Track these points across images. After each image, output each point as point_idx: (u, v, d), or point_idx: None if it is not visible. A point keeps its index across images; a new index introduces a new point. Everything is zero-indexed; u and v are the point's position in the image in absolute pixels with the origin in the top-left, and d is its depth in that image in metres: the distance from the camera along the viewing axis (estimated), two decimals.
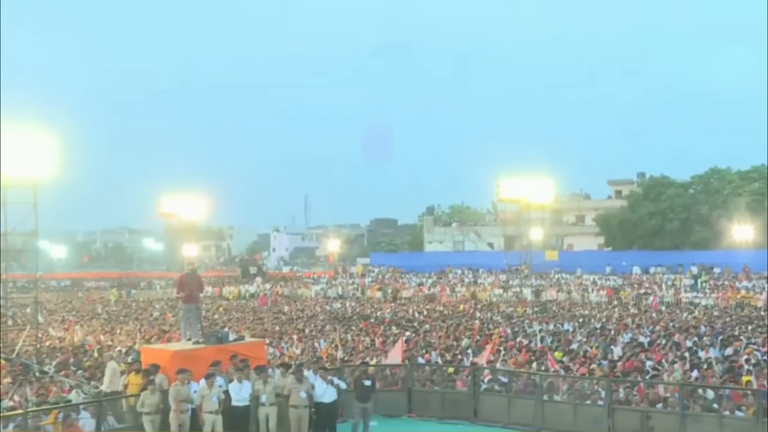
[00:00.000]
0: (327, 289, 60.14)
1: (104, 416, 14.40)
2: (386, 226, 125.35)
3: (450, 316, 37.07)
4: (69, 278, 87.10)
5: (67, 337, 31.77)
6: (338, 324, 33.90)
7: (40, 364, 21.54)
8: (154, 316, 41.59)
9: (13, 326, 27.11)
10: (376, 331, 29.82)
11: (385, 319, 36.08)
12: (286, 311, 43.40)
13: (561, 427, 16.20)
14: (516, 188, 50.19)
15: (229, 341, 17.29)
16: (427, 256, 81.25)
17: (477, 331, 28.29)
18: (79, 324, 37.79)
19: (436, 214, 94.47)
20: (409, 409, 18.15)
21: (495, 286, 54.67)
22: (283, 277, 77.44)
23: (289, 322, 35.73)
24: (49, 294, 63.22)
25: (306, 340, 27.72)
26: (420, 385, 18.64)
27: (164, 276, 79.67)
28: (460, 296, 51.56)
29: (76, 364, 22.18)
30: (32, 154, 24.66)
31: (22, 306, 39.15)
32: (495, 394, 17.74)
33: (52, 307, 49.82)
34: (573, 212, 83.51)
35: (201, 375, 14.80)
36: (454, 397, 18.05)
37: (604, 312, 37.46)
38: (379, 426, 16.65)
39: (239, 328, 30.96)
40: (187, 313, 17.51)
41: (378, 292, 56.11)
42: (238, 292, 62.25)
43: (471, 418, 17.42)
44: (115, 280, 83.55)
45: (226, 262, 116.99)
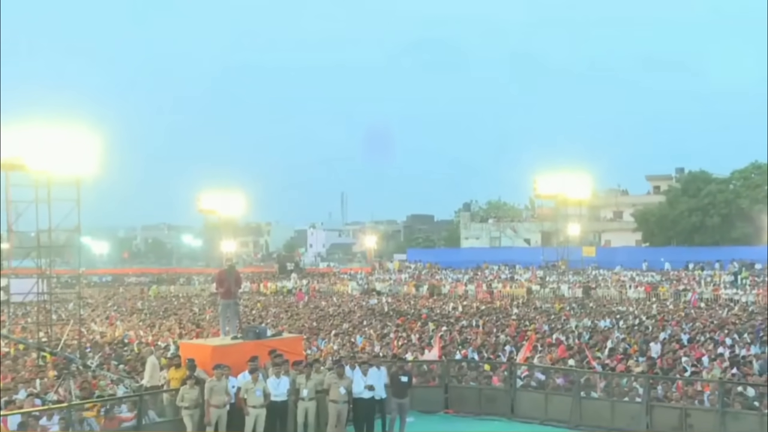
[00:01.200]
0: (365, 284, 60.35)
1: (145, 410, 14.54)
2: (423, 222, 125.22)
3: (486, 312, 37.01)
4: (110, 274, 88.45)
5: (108, 332, 32.29)
6: (375, 320, 34.02)
7: (82, 358, 21.88)
8: (193, 311, 42.04)
9: (57, 321, 27.58)
10: (412, 327, 29.89)
11: (421, 315, 36.13)
12: (323, 307, 43.63)
13: (598, 423, 16.15)
14: (553, 184, 49.86)
15: (267, 337, 17.40)
16: (463, 252, 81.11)
17: (514, 328, 28.23)
18: (120, 319, 38.43)
19: (473, 210, 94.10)
20: (445, 405, 18.16)
21: (532, 282, 54.46)
22: (320, 273, 77.82)
23: (326, 317, 35.91)
24: (91, 289, 64.20)
25: (343, 335, 27.86)
26: (457, 382, 18.65)
27: (203, 272, 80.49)
28: (497, 292, 51.47)
29: (118, 358, 22.52)
30: (75, 151, 25.09)
31: (65, 301, 39.82)
32: (532, 390, 17.69)
33: (94, 302, 50.64)
34: (610, 208, 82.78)
35: (239, 370, 14.95)
36: (490, 393, 18.02)
37: (642, 308, 37.15)
38: (416, 422, 16.68)
39: (277, 324, 31.25)
40: (226, 309, 17.64)
41: (414, 288, 56.19)
42: (275, 287, 62.70)
43: (508, 415, 17.39)
44: (154, 275, 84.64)
45: (263, 258, 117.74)
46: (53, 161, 24.59)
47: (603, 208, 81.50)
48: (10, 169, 24.96)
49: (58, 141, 24.72)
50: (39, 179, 24.98)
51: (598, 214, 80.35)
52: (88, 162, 25.66)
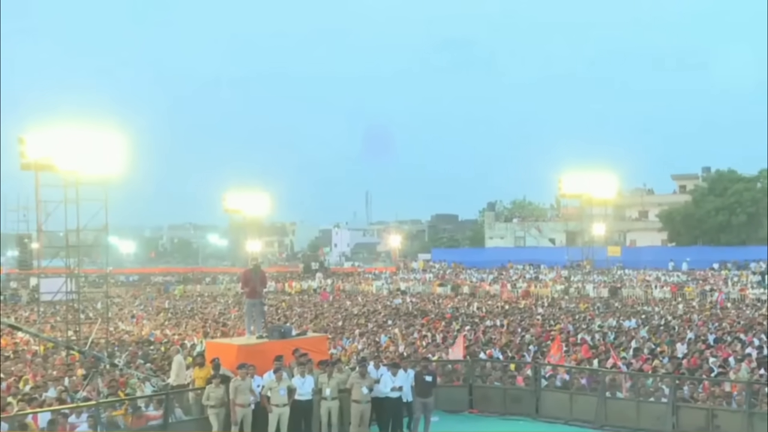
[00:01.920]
0: (388, 284, 60.39)
1: (171, 408, 14.68)
2: (447, 221, 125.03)
3: (511, 311, 36.93)
4: (137, 273, 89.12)
5: (135, 331, 32.58)
6: (399, 319, 34.04)
7: (110, 356, 22.11)
8: (218, 310, 42.29)
9: (85, 320, 27.89)
10: (437, 327, 29.90)
11: (445, 314, 36.11)
12: (348, 306, 43.72)
13: (623, 424, 16.09)
14: (578, 183, 49.82)
15: (292, 336, 17.51)
16: (488, 251, 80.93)
17: (539, 328, 28.16)
18: (146, 318, 38.78)
19: (498, 209, 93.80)
20: (470, 404, 18.15)
21: (556, 282, 54.28)
22: (345, 272, 77.94)
23: (351, 317, 35.99)
24: (118, 288, 64.75)
25: (367, 335, 27.92)
26: (481, 381, 18.64)
27: (228, 271, 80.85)
28: (521, 292, 51.35)
29: (144, 357, 22.73)
30: (103, 152, 25.41)
31: (92, 300, 40.25)
32: (557, 390, 17.63)
33: (121, 301, 51.13)
34: (636, 207, 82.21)
35: (265, 369, 15.04)
36: (515, 393, 17.99)
37: (668, 308, 36.91)
38: (441, 421, 16.69)
39: (302, 324, 31.37)
40: (251, 308, 17.72)
41: (439, 288, 56.16)
42: (300, 287, 62.90)
43: (532, 415, 17.36)
44: (180, 275, 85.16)
45: (288, 257, 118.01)
46: (81, 162, 24.95)
47: (628, 207, 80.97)
48: (40, 169, 25.37)
49: (86, 142, 25.11)
50: (68, 179, 25.31)
51: (624, 214, 79.82)
52: (115, 162, 26.02)
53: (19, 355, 23.98)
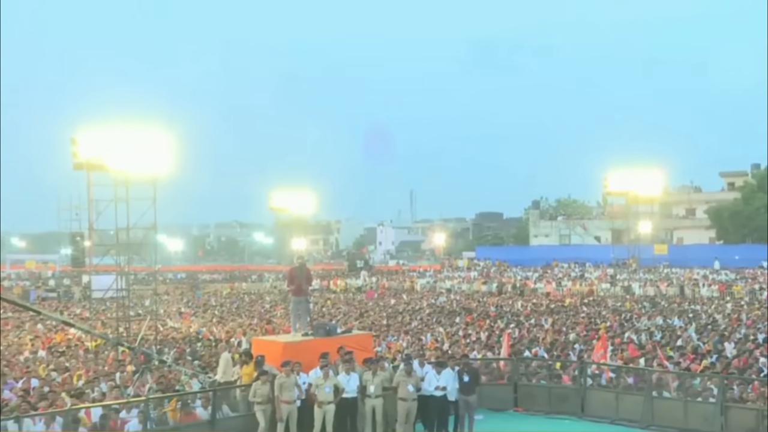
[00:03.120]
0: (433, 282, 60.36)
1: (219, 405, 14.87)
2: (492, 219, 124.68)
3: (556, 310, 36.70)
4: (184, 271, 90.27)
5: (183, 328, 33.03)
6: (443, 317, 34.03)
7: (159, 353, 22.43)
8: (265, 308, 42.64)
9: (135, 317, 28.37)
10: (481, 325, 29.85)
11: (490, 312, 36.02)
12: (392, 304, 43.79)
13: (671, 424, 15.89)
14: (624, 181, 49.30)
15: (337, 333, 17.59)
16: (532, 249, 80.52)
17: (584, 326, 27.98)
18: (194, 315, 39.26)
19: (542, 207, 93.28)
20: (515, 403, 18.08)
21: (602, 280, 53.78)
22: (389, 270, 78.03)
23: (396, 315, 36.06)
24: (167, 286, 65.63)
25: (412, 333, 27.97)
26: (526, 380, 18.59)
27: (274, 269, 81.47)
28: (566, 290, 51.00)
29: (192, 354, 23.06)
30: (152, 151, 25.83)
31: (141, 297, 40.88)
32: (603, 389, 17.50)
33: (169, 299, 51.83)
34: (683, 205, 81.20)
35: (310, 366, 15.13)
36: (560, 392, 17.88)
37: (716, 307, 36.37)
38: (485, 420, 16.68)
39: (346, 321, 31.51)
40: (297, 306, 17.86)
41: (483, 286, 56.00)
42: (344, 285, 63.16)
43: (578, 414, 17.23)
44: (227, 273, 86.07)
45: (333, 255, 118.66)
46: (131, 161, 25.41)
47: (675, 205, 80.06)
48: (92, 169, 25.88)
49: (135, 141, 25.56)
50: (118, 179, 25.79)
51: (671, 212, 78.89)
52: (164, 161, 26.43)
53: (72, 351, 24.53)
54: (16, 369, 20.56)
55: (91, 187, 26.55)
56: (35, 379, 18.38)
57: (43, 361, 22.42)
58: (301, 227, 60.87)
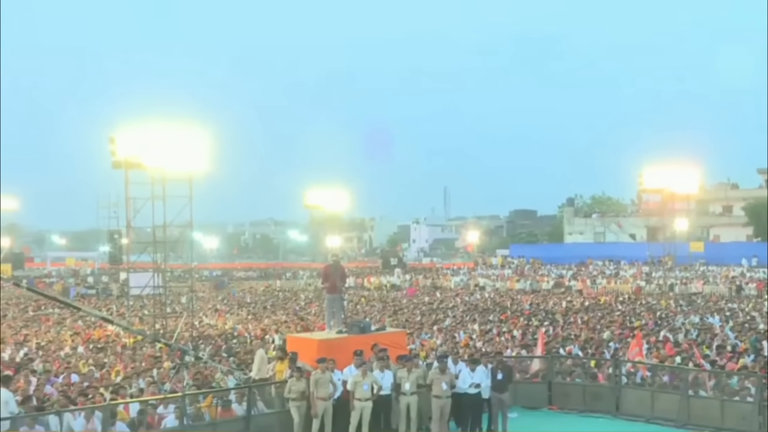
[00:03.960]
0: (467, 280, 60.26)
1: (254, 402, 15.00)
2: (526, 217, 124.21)
3: (591, 308, 36.46)
4: (220, 268, 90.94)
5: (218, 325, 33.31)
6: (477, 315, 33.99)
7: (195, 350, 22.66)
8: (299, 305, 42.84)
9: (171, 313, 28.68)
10: (515, 323, 29.78)
11: (524, 310, 35.90)
12: (426, 302, 43.78)
13: (707, 423, 15.74)
14: (659, 178, 48.75)
15: (371, 331, 17.68)
16: (567, 247, 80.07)
17: (619, 324, 27.78)
18: (229, 312, 39.56)
19: (577, 204, 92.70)
20: (549, 401, 18.05)
21: (637, 278, 53.33)
22: (423, 268, 78.00)
23: (429, 312, 36.06)
24: (202, 283, 66.18)
25: (446, 331, 27.98)
26: (561, 378, 18.54)
27: (308, 266, 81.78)
28: (601, 288, 50.66)
29: (227, 350, 23.25)
30: (188, 149, 26.07)
31: (178, 294, 41.30)
32: (638, 388, 17.40)
33: (205, 296, 52.26)
34: (720, 202, 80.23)
35: (344, 363, 15.23)
36: (595, 390, 17.80)
37: (755, 305, 35.89)
38: (520, 418, 16.70)
39: (380, 319, 31.59)
40: (331, 303, 17.96)
41: (517, 284, 55.81)
42: (378, 282, 63.26)
43: (613, 412, 17.16)
44: (262, 270, 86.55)
45: (367, 253, 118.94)
46: (168, 159, 25.66)
47: (712, 202, 79.12)
48: (129, 167, 26.19)
49: (172, 139, 25.81)
50: (155, 177, 26.06)
51: (707, 209, 77.99)
52: (199, 159, 26.64)
53: (110, 347, 24.88)
54: (56, 364, 20.90)
55: (129, 185, 26.86)
56: (75, 374, 18.67)
57: (82, 357, 22.77)
58: (335, 225, 61.09)
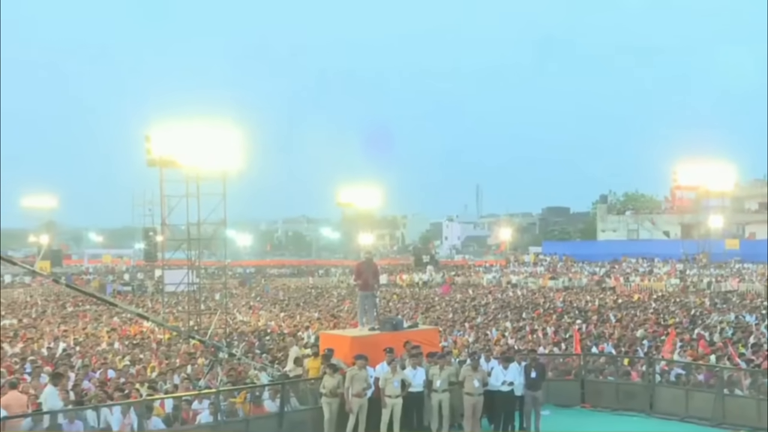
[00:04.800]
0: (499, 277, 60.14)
1: (287, 398, 15.10)
2: (558, 214, 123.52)
3: (624, 305, 36.22)
4: (253, 266, 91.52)
5: (252, 322, 33.56)
6: (510, 312, 33.91)
7: (228, 346, 22.85)
8: (332, 302, 43.02)
9: (205, 310, 28.90)
10: (547, 320, 29.68)
11: (557, 308, 35.76)
12: (458, 299, 43.76)
13: (743, 422, 15.53)
14: (694, 174, 48.25)
15: (404, 328, 17.68)
16: (600, 244, 79.53)
17: (653, 322, 27.58)
18: (262, 309, 39.85)
19: (610, 201, 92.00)
20: (582, 399, 17.98)
21: (671, 276, 52.86)
22: (455, 265, 77.90)
23: (462, 310, 36.04)
24: (236, 280, 66.67)
25: (478, 328, 27.96)
26: (594, 376, 18.44)
27: (341, 264, 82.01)
28: (634, 285, 50.29)
29: (260, 347, 23.44)
30: (222, 147, 26.27)
31: (212, 291, 41.65)
32: (672, 386, 17.23)
33: (238, 293, 52.67)
34: (755, 199, 79.16)
35: (377, 360, 15.26)
36: (628, 388, 17.66)
37: None
38: (552, 416, 16.63)
39: (412, 316, 31.65)
40: (364, 301, 18.00)
41: (550, 281, 55.57)
42: (410, 279, 63.31)
43: (646, 411, 17.02)
44: (294, 267, 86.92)
45: (399, 250, 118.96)
46: (202, 157, 25.86)
47: (747, 199, 78.12)
48: (164, 165, 26.44)
49: (206, 138, 26.01)
50: (189, 175, 26.28)
51: (742, 206, 77.01)
52: (233, 157, 26.82)
53: (145, 343, 25.19)
54: (94, 360, 21.21)
55: (164, 183, 27.10)
56: (112, 370, 18.93)
57: (118, 353, 23.08)
58: (367, 222, 61.20)
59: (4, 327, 31.81)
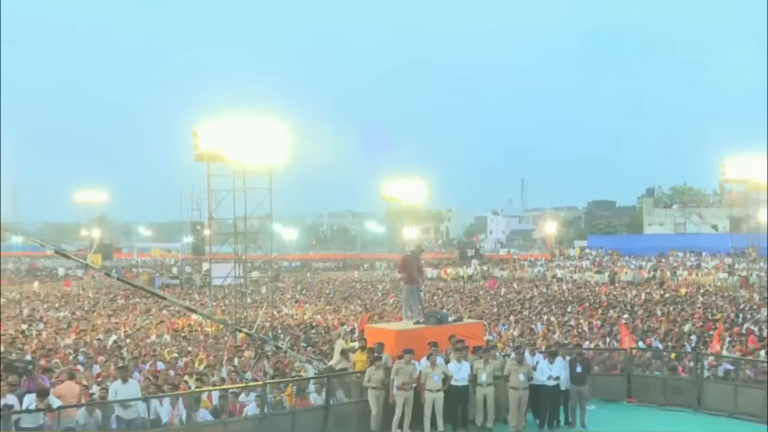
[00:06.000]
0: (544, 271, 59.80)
1: (333, 391, 15.21)
2: (604, 207, 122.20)
3: (671, 300, 35.81)
4: (299, 259, 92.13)
5: (297, 315, 33.84)
6: (555, 306, 33.74)
7: (274, 339, 23.08)
8: (377, 296, 43.17)
9: (252, 303, 29.21)
10: (593, 315, 29.48)
11: (602, 302, 35.48)
12: (503, 293, 43.64)
13: None
14: (743, 167, 47.47)
15: (449, 322, 17.72)
16: (646, 238, 78.56)
17: (700, 317, 27.24)
18: (308, 303, 40.16)
19: (657, 195, 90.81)
20: (628, 394, 17.82)
21: (719, 270, 52.08)
22: (500, 259, 77.59)
23: (506, 304, 35.95)
24: (282, 274, 67.17)
25: (523, 322, 27.88)
26: (640, 371, 18.29)
27: (386, 257, 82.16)
28: (681, 280, 49.66)
29: (306, 340, 23.64)
30: (268, 142, 26.52)
31: (258, 285, 42.07)
32: (721, 382, 17.00)
33: (284, 286, 53.10)
34: None
35: (422, 354, 15.27)
36: (676, 383, 17.43)
37: None
38: (598, 410, 16.53)
39: (457, 310, 31.65)
40: (409, 294, 18.06)
41: (596, 275, 55.09)
42: (455, 273, 63.24)
43: (694, 406, 16.82)
44: (340, 261, 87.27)
45: (444, 244, 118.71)
46: (248, 152, 26.15)
47: None
48: (211, 160, 26.80)
49: (252, 132, 26.29)
50: (236, 169, 26.60)
51: None
52: (279, 152, 27.07)
53: (193, 336, 25.57)
54: (143, 352, 21.60)
55: (211, 177, 27.46)
56: (161, 362, 19.27)
57: (167, 345, 23.47)
58: (412, 216, 61.22)
59: (58, 319, 32.61)
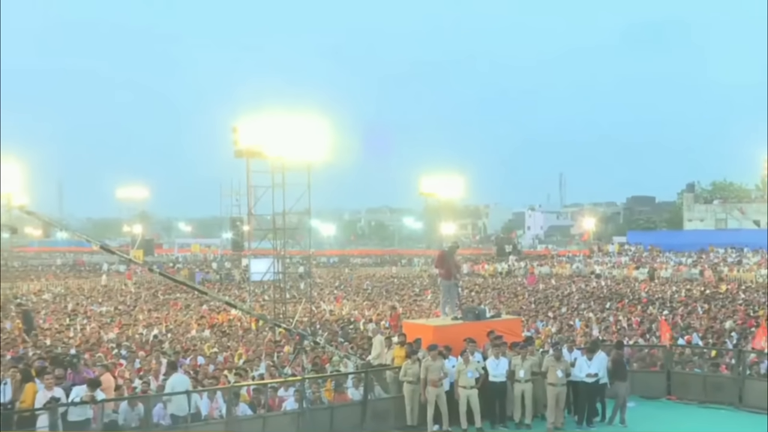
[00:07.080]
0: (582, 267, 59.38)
1: (371, 386, 15.32)
2: (643, 203, 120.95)
3: (712, 296, 35.37)
4: (337, 255, 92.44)
5: (336, 311, 33.99)
6: (593, 303, 33.53)
7: (313, 335, 23.24)
8: (414, 292, 43.19)
9: (290, 299, 29.39)
10: (632, 311, 29.26)
11: (641, 298, 35.17)
12: (541, 289, 43.43)
13: None
14: None
15: (486, 318, 17.73)
16: (686, 234, 77.40)
17: (742, 314, 26.89)
18: (346, 298, 40.29)
19: (697, 190, 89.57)
20: (668, 391, 17.70)
21: (761, 266, 51.30)
22: (538, 255, 77.18)
23: (544, 300, 35.79)
24: (320, 269, 67.49)
25: (561, 318, 27.76)
26: (680, 368, 18.13)
27: (424, 253, 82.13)
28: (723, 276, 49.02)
29: (344, 336, 23.77)
30: (307, 138, 26.68)
31: (297, 280, 42.31)
32: (762, 379, 16.77)
33: (322, 282, 53.33)
34: None
35: (460, 350, 15.35)
36: (716, 381, 17.28)
37: None
38: (637, 407, 16.47)
39: (495, 306, 31.58)
40: (446, 290, 18.11)
41: (635, 271, 54.58)
42: (492, 269, 63.07)
43: (735, 404, 16.67)
44: (377, 257, 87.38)
45: (481, 240, 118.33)
46: (287, 148, 26.33)
47: None
48: (251, 156, 27.03)
49: (292, 129, 26.46)
50: (275, 165, 26.80)
51: None
52: (318, 148, 27.21)
53: (232, 331, 25.82)
54: (184, 346, 21.88)
55: (250, 173, 27.71)
56: (201, 356, 19.51)
57: (207, 340, 23.74)
58: (449, 212, 61.10)
59: (101, 313, 33.13)
